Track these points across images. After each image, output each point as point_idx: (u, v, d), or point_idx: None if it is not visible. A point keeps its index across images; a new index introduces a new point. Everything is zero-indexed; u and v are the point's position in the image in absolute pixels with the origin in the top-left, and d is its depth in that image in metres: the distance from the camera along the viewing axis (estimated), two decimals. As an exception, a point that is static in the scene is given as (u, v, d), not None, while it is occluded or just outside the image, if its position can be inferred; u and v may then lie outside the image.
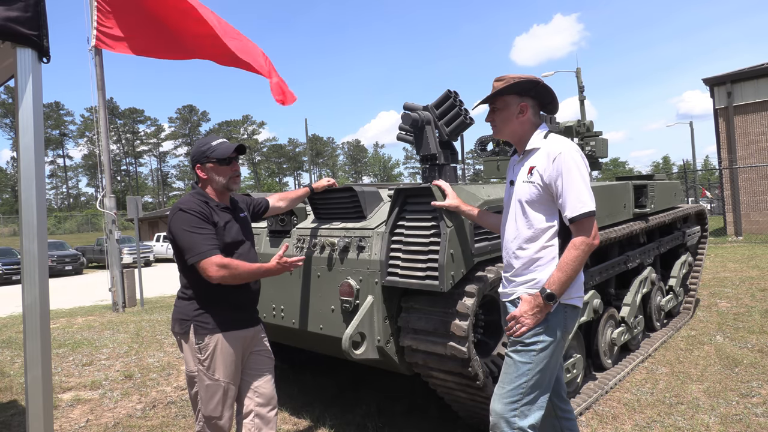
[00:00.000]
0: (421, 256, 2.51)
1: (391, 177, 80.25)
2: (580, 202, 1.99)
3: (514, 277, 2.16)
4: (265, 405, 2.47)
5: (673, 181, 5.71)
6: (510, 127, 2.18)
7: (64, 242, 24.26)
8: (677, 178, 18.16)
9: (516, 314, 2.07)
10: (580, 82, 8.74)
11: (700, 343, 4.87)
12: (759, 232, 14.74)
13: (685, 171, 20.15)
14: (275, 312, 3.25)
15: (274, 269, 2.31)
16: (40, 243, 2.01)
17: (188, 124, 78.31)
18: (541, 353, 2.05)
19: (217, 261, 2.20)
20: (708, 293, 7.10)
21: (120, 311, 9.02)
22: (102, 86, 9.04)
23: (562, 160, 2.02)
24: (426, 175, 3.51)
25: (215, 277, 2.20)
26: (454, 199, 2.48)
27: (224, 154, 2.40)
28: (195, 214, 2.27)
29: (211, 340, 2.32)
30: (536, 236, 2.09)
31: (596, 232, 2.03)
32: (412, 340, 2.65)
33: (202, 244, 2.22)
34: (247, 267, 2.27)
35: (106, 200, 9.15)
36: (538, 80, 2.13)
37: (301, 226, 3.29)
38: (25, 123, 1.99)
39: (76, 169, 74.80)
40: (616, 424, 3.31)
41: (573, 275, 2.00)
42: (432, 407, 3.64)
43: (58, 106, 70.62)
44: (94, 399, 4.33)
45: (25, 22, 1.97)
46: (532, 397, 2.06)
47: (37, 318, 2.01)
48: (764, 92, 14.78)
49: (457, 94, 3.51)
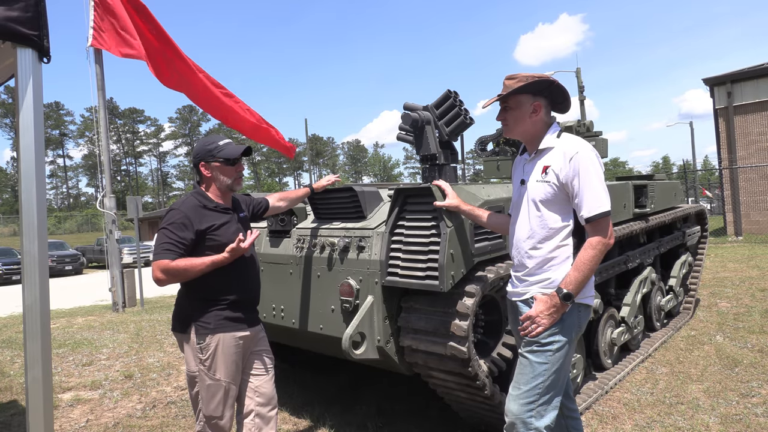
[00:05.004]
0: (421, 256, 2.51)
1: (391, 177, 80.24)
2: (597, 201, 2.00)
3: (527, 277, 2.15)
4: (266, 405, 2.47)
5: (673, 181, 5.71)
6: (522, 127, 2.18)
7: (64, 242, 24.28)
8: (677, 178, 18.16)
9: (532, 314, 2.06)
10: (580, 82, 8.72)
11: (700, 343, 4.87)
12: (759, 232, 14.73)
13: (685, 171, 20.16)
14: (275, 312, 3.25)
15: (223, 259, 2.26)
16: (40, 243, 2.01)
17: (188, 124, 78.23)
18: (557, 353, 2.05)
19: (161, 265, 2.21)
20: (708, 293, 7.10)
21: (120, 311, 9.02)
22: (102, 86, 9.03)
23: (579, 160, 2.02)
24: (426, 175, 3.52)
25: (155, 278, 2.24)
26: (454, 199, 2.47)
27: (232, 155, 2.41)
28: (179, 218, 2.29)
29: (212, 340, 2.32)
30: (551, 235, 2.09)
31: (612, 232, 2.04)
32: (412, 340, 2.66)
33: (161, 245, 2.25)
34: (192, 265, 2.23)
35: (106, 200, 9.15)
36: (552, 80, 2.13)
37: (301, 226, 3.29)
38: (26, 123, 1.99)
39: (76, 169, 74.80)
40: (616, 424, 3.31)
41: (589, 275, 2.01)
42: (432, 407, 3.64)
43: (58, 106, 70.60)
44: (94, 399, 4.33)
45: (25, 22, 1.97)
46: (548, 398, 2.06)
47: (37, 318, 2.01)
48: (764, 92, 14.77)
49: (457, 94, 3.52)
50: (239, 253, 2.27)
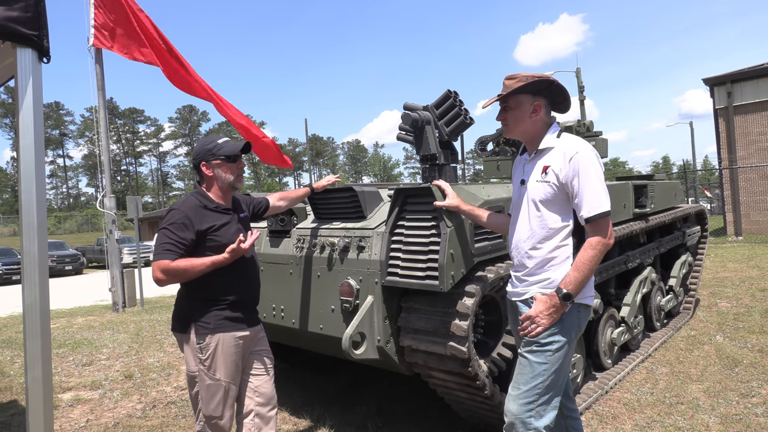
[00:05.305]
0: (421, 256, 2.51)
1: (391, 177, 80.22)
2: (597, 201, 2.00)
3: (526, 277, 2.15)
4: (265, 405, 2.47)
5: (673, 181, 5.71)
6: (522, 127, 2.18)
7: (64, 242, 24.27)
8: (677, 178, 18.16)
9: (531, 314, 2.06)
10: (580, 82, 8.73)
11: (700, 343, 4.87)
12: (759, 232, 14.73)
13: (685, 171, 20.15)
14: (275, 312, 3.25)
15: (223, 260, 2.27)
16: (40, 243, 2.01)
17: (188, 124, 78.26)
18: (557, 353, 2.05)
19: (161, 265, 2.21)
20: (708, 293, 7.10)
21: (120, 311, 9.02)
22: (102, 86, 9.03)
23: (578, 160, 2.02)
24: (426, 175, 3.52)
25: (155, 279, 2.24)
26: (454, 199, 2.47)
27: (232, 152, 2.42)
28: (179, 218, 2.29)
29: (212, 340, 2.32)
30: (551, 236, 2.09)
31: (612, 232, 2.04)
32: (412, 340, 2.66)
33: (161, 245, 2.25)
34: (193, 265, 2.23)
35: (106, 200, 9.15)
36: (552, 80, 2.13)
37: (301, 226, 3.29)
38: (26, 123, 1.99)
39: (76, 169, 74.80)
40: (616, 424, 3.31)
41: (589, 275, 2.01)
42: (432, 407, 3.64)
43: (58, 106, 70.60)
44: (94, 399, 4.33)
45: (25, 22, 1.97)
46: (547, 398, 2.06)
47: (37, 318, 2.01)
48: (764, 92, 14.77)
49: (457, 94, 3.52)
50: (239, 253, 2.27)
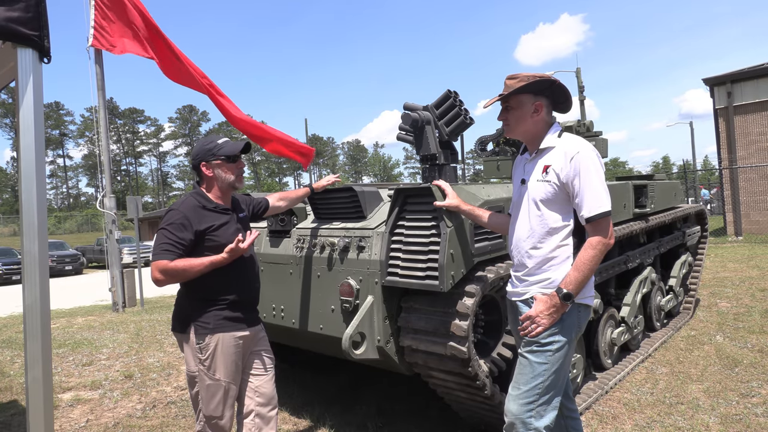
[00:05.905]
0: (421, 256, 2.51)
1: (391, 177, 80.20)
2: (598, 201, 2.00)
3: (526, 277, 2.15)
4: (266, 405, 2.47)
5: (673, 181, 5.71)
6: (524, 126, 2.18)
7: (64, 242, 24.26)
8: (677, 178, 18.16)
9: (531, 314, 2.06)
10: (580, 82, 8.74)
11: (700, 343, 4.87)
12: (759, 232, 14.72)
13: (685, 171, 20.16)
14: (275, 312, 3.25)
15: (222, 260, 2.26)
16: (40, 243, 2.01)
17: (188, 124, 78.26)
18: (557, 353, 2.05)
19: (160, 266, 2.21)
20: (708, 293, 7.10)
21: (120, 311, 9.02)
22: (102, 86, 9.03)
23: (579, 160, 2.02)
24: (426, 175, 3.52)
25: (154, 279, 2.23)
26: (454, 199, 2.47)
27: (233, 152, 2.42)
28: (178, 218, 2.29)
29: (212, 340, 2.32)
30: (551, 235, 2.09)
31: (612, 232, 2.04)
32: (412, 340, 2.66)
33: (160, 245, 2.25)
34: (191, 265, 2.23)
35: (106, 200, 9.15)
36: (554, 80, 2.13)
37: (301, 226, 3.29)
38: (26, 123, 1.99)
39: (76, 169, 74.79)
40: (616, 424, 3.31)
41: (589, 275, 2.01)
42: (432, 407, 3.64)
43: (58, 106, 70.58)
44: (94, 399, 4.33)
45: (26, 23, 1.97)
46: (547, 398, 2.06)
47: (37, 318, 2.01)
48: (764, 92, 14.76)
49: (457, 94, 3.52)
50: (238, 253, 2.27)
